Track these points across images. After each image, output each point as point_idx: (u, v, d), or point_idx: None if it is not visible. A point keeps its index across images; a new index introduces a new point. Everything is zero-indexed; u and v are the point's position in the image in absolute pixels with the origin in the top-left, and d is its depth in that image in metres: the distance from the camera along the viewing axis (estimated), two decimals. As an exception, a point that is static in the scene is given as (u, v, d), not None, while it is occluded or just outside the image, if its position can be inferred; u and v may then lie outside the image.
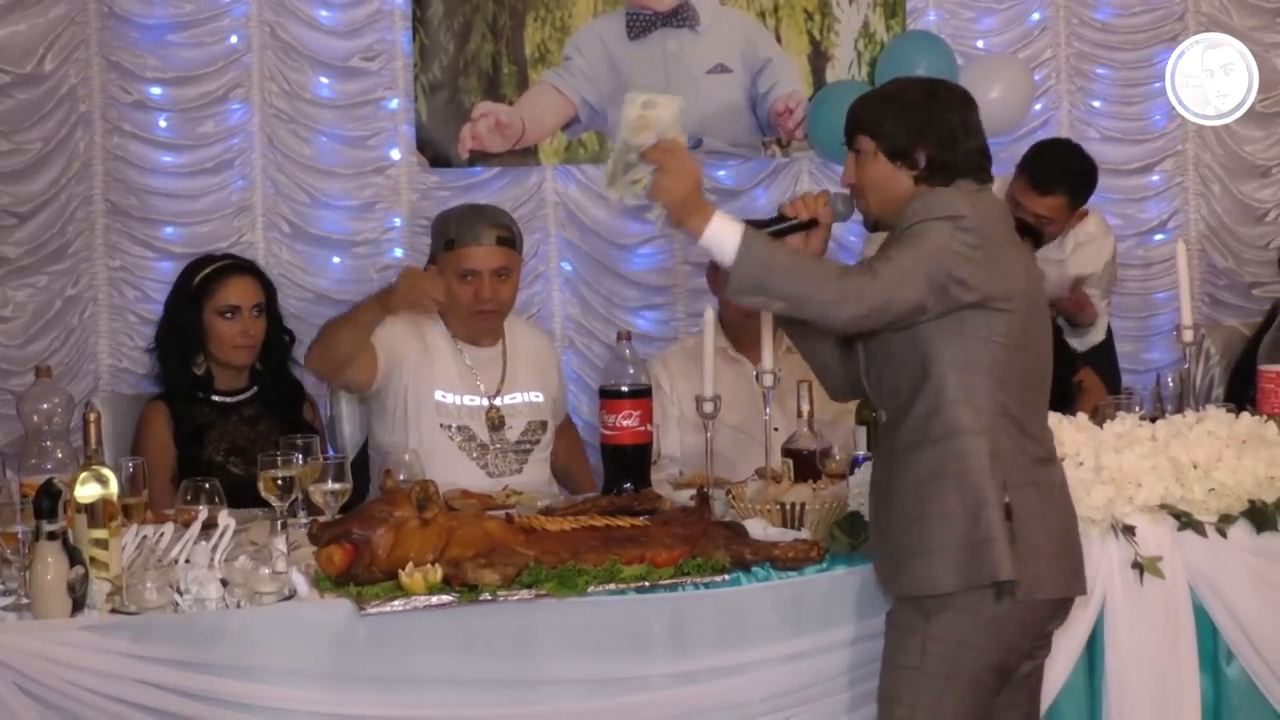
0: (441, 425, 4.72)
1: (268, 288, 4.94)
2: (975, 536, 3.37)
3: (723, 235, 3.34)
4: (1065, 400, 4.80)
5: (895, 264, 3.35)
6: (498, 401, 4.79)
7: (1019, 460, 3.43)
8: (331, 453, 4.31)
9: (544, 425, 4.86)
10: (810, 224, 3.61)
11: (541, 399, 4.87)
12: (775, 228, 3.60)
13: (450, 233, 4.78)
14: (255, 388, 4.88)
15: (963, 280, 3.36)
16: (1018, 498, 3.40)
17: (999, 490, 3.38)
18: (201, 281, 4.86)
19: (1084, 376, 5.40)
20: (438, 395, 4.74)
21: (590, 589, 3.48)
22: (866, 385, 3.62)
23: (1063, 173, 5.86)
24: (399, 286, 4.58)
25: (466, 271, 4.73)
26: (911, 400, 3.44)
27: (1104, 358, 6.07)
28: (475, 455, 4.73)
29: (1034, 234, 5.23)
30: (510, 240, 4.80)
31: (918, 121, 3.50)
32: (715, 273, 5.19)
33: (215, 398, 4.83)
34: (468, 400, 4.77)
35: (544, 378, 4.91)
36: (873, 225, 3.68)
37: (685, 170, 3.40)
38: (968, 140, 3.51)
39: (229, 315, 4.81)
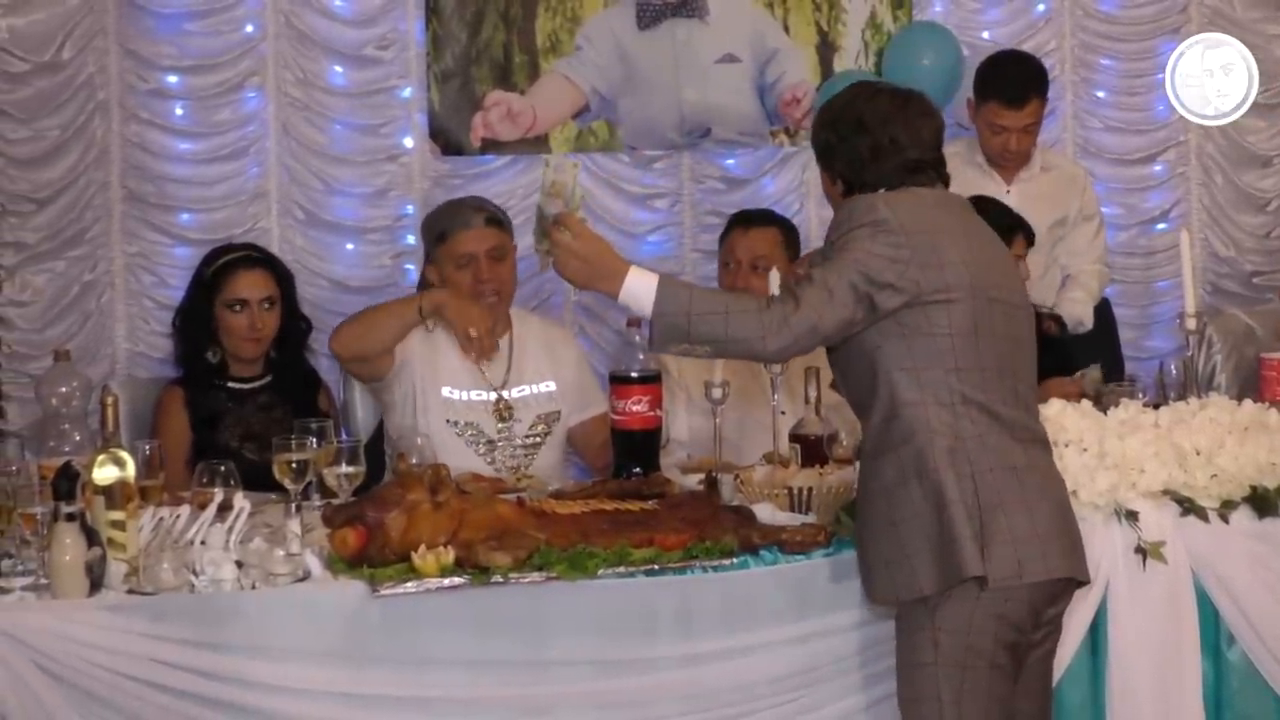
0: (449, 421, 4.71)
1: (282, 279, 4.97)
2: (942, 537, 3.36)
3: (638, 290, 3.35)
4: None
5: (818, 285, 3.36)
6: (505, 394, 4.77)
7: (991, 445, 3.42)
8: (345, 436, 4.34)
9: (555, 416, 4.83)
10: None
11: (554, 387, 4.84)
12: None
13: (438, 226, 4.81)
14: (271, 375, 4.92)
15: (889, 284, 3.37)
16: (990, 484, 3.39)
17: (960, 484, 3.37)
18: (213, 273, 4.90)
19: None
20: (445, 392, 4.72)
21: (600, 571, 3.52)
22: (839, 392, 3.68)
23: (1030, 78, 5.81)
24: (449, 308, 4.64)
25: (462, 257, 4.73)
26: (870, 407, 3.47)
27: (1098, 342, 6.01)
28: (482, 451, 4.71)
29: (1015, 227, 4.91)
30: (499, 221, 4.80)
31: (831, 141, 3.57)
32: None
33: (231, 384, 4.87)
34: (474, 395, 4.74)
35: (557, 365, 4.87)
36: None
37: (578, 249, 3.42)
38: (890, 158, 3.51)
39: (237, 309, 4.84)
